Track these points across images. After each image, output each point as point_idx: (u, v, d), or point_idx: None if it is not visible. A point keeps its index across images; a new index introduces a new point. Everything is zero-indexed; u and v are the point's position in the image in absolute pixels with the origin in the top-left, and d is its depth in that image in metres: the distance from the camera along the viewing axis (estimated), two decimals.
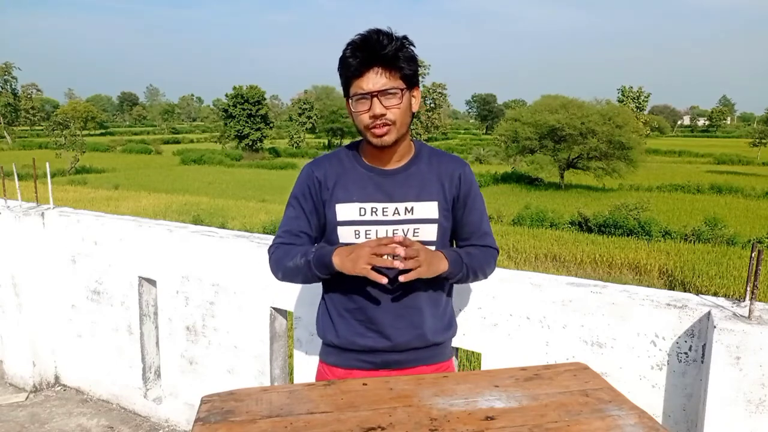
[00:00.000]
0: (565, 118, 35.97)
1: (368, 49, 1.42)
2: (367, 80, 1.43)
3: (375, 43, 1.42)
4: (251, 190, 32.49)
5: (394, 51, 1.43)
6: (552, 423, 1.19)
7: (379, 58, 1.42)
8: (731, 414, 1.67)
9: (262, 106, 60.43)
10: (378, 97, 1.43)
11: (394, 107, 1.45)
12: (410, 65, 1.47)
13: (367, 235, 1.54)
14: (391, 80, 1.44)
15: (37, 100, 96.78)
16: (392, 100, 1.45)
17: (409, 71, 1.47)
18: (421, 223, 1.55)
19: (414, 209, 1.54)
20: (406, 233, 1.54)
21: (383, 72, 1.43)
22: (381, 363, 1.60)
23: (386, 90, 1.44)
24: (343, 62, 1.46)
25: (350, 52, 1.44)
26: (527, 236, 21.20)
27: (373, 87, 1.43)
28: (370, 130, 1.46)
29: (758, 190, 32.19)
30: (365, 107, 1.45)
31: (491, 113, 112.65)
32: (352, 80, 1.46)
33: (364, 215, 1.54)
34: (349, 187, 1.55)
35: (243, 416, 1.21)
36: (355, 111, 1.47)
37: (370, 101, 1.44)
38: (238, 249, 2.79)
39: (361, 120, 1.46)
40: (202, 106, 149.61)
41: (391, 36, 1.44)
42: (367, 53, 1.42)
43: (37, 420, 3.26)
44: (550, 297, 2.05)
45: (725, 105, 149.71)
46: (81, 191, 29.80)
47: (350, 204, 1.54)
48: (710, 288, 15.49)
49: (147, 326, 3.27)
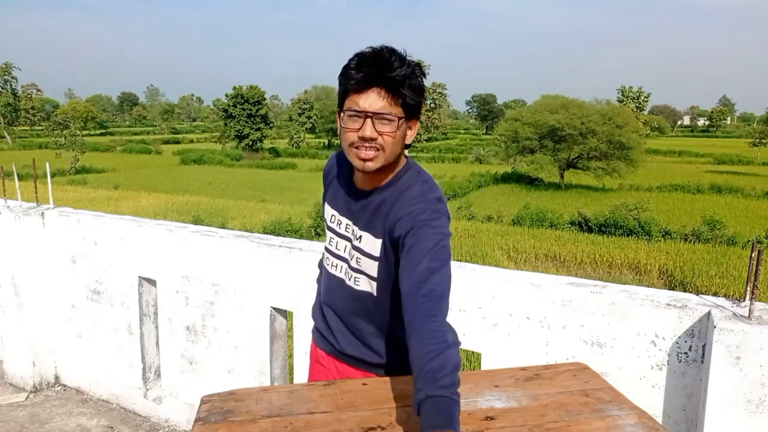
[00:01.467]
0: (565, 118, 35.98)
1: (376, 66, 1.31)
2: (365, 98, 1.32)
3: (384, 61, 1.31)
4: (251, 190, 32.49)
5: (402, 76, 1.32)
6: (552, 423, 1.19)
7: (384, 79, 1.31)
8: (731, 414, 1.67)
9: (262, 106, 60.44)
10: (372, 119, 1.33)
11: (387, 134, 1.34)
12: (415, 95, 1.36)
13: (330, 242, 1.57)
14: (390, 105, 1.33)
15: (37, 100, 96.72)
16: (386, 127, 1.33)
17: (412, 101, 1.36)
18: (363, 254, 1.46)
19: (362, 238, 1.46)
20: (351, 257, 1.49)
21: (385, 94, 1.32)
22: (336, 353, 1.61)
23: (383, 114, 1.32)
24: (345, 73, 1.35)
25: (356, 64, 1.33)
26: (527, 236, 21.20)
27: (370, 107, 1.32)
28: (355, 150, 1.35)
29: (758, 190, 32.19)
30: (356, 125, 1.34)
31: (491, 113, 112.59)
32: (350, 93, 1.35)
33: (333, 222, 1.56)
34: (336, 191, 1.57)
35: (243, 416, 1.22)
36: (345, 126, 1.36)
37: (362, 121, 1.33)
38: (238, 249, 2.79)
39: (348, 137, 1.35)
40: (202, 106, 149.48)
41: (404, 59, 1.33)
42: (373, 70, 1.31)
43: (37, 420, 3.26)
44: (550, 297, 2.05)
45: (725, 105, 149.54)
46: (81, 191, 29.79)
47: (330, 208, 1.58)
48: (710, 288, 15.49)
49: (147, 326, 3.27)
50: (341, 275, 1.54)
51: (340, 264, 1.54)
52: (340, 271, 1.54)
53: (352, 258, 1.49)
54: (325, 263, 1.61)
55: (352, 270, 1.49)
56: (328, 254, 1.59)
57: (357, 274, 1.49)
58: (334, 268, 1.56)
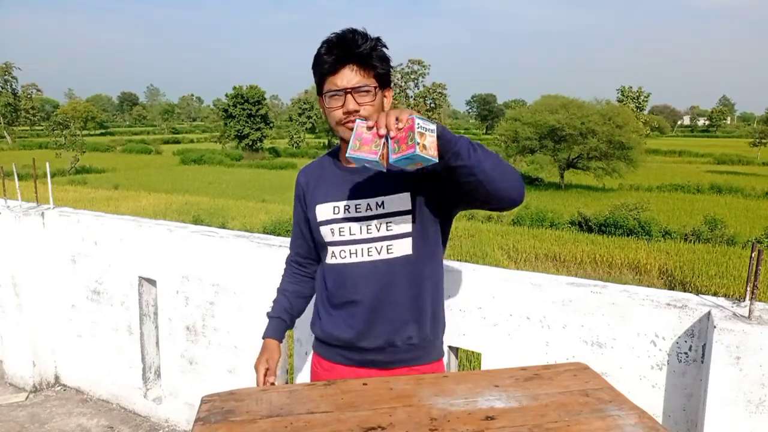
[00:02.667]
0: (565, 118, 35.95)
1: (343, 47, 1.46)
2: (341, 77, 1.46)
3: (350, 41, 1.45)
4: (251, 190, 32.48)
5: (368, 50, 1.46)
6: (552, 423, 1.19)
7: (353, 56, 1.46)
8: (731, 414, 1.68)
9: (262, 106, 60.43)
10: (352, 93, 1.46)
11: (368, 104, 1.48)
12: (383, 64, 1.51)
13: (341, 233, 1.56)
14: (364, 78, 1.47)
15: (37, 100, 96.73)
16: (365, 98, 1.48)
17: (381, 70, 1.50)
18: (393, 216, 1.54)
19: (384, 203, 1.54)
20: (379, 228, 1.54)
21: (358, 69, 1.46)
22: (360, 361, 1.60)
23: (360, 87, 1.47)
24: (318, 59, 1.49)
25: (325, 49, 1.47)
26: (527, 236, 21.19)
27: (347, 84, 1.46)
28: (344, 125, 1.49)
29: (758, 190, 32.17)
30: (339, 103, 1.48)
31: (491, 113, 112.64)
32: (326, 77, 1.49)
33: (338, 213, 1.57)
34: (326, 188, 1.62)
35: (243, 416, 1.22)
36: (329, 107, 1.50)
37: (343, 98, 1.47)
38: (238, 249, 2.79)
39: (334, 116, 1.49)
40: (202, 106, 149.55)
41: (366, 36, 1.47)
42: (342, 51, 1.46)
43: (37, 420, 3.26)
44: (550, 297, 2.05)
45: (725, 105, 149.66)
46: (81, 191, 29.79)
47: (326, 204, 1.60)
48: (710, 288, 15.48)
49: (147, 326, 3.27)
50: (367, 258, 1.54)
51: (362, 247, 1.55)
52: (363, 255, 1.55)
53: (380, 228, 1.54)
54: (340, 258, 1.58)
55: (383, 240, 1.54)
56: (340, 247, 1.57)
57: (389, 241, 1.54)
58: (354, 255, 1.55)
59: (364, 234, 1.54)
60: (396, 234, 1.54)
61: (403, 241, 1.54)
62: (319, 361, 1.69)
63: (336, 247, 1.58)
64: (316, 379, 1.67)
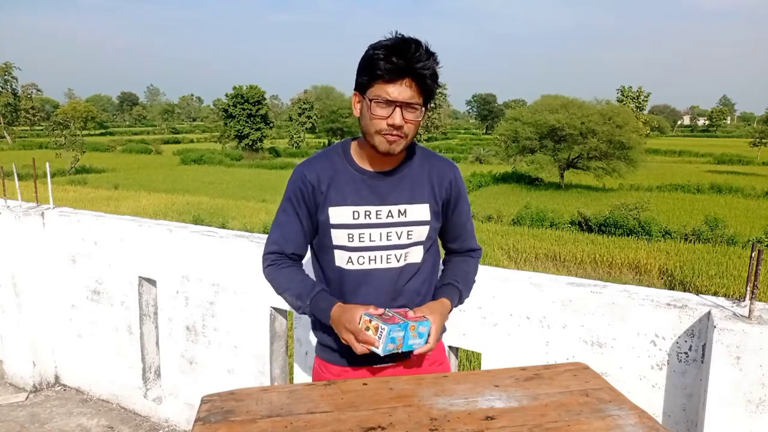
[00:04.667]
0: (565, 118, 35.95)
1: (405, 58, 1.39)
2: (396, 88, 1.41)
3: (413, 54, 1.39)
4: (251, 190, 32.48)
5: (429, 69, 1.42)
6: (552, 423, 1.19)
7: (413, 70, 1.40)
8: (731, 414, 1.67)
9: (262, 106, 60.38)
10: (402, 108, 1.42)
11: (412, 121, 1.45)
12: (435, 84, 1.47)
13: (360, 239, 1.54)
14: (416, 95, 1.43)
15: (37, 100, 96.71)
16: (412, 115, 1.44)
17: (432, 89, 1.47)
18: (414, 225, 1.57)
19: (407, 212, 1.56)
20: (400, 236, 1.55)
21: (413, 85, 1.42)
22: (367, 363, 1.59)
23: (411, 103, 1.43)
24: (373, 62, 1.41)
25: (384, 55, 1.39)
26: (527, 236, 21.19)
27: (400, 97, 1.41)
28: (383, 137, 1.44)
29: (758, 190, 32.17)
30: (385, 113, 1.42)
31: (491, 113, 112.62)
32: (377, 82, 1.42)
33: (358, 218, 1.54)
34: (343, 189, 1.54)
35: (243, 416, 1.21)
36: (372, 113, 1.43)
37: (392, 109, 1.42)
38: (238, 249, 2.79)
39: (376, 124, 1.44)
40: (202, 106, 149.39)
41: (429, 52, 1.42)
42: (403, 62, 1.39)
43: (37, 420, 3.26)
44: (550, 297, 2.05)
45: (725, 105, 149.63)
46: (81, 191, 29.79)
47: (344, 207, 1.53)
48: (710, 288, 15.48)
49: (147, 326, 3.27)
50: (385, 265, 1.55)
51: (381, 254, 1.55)
52: (382, 262, 1.55)
53: (401, 236, 1.56)
54: (357, 265, 1.56)
55: (402, 248, 1.57)
56: (359, 253, 1.55)
57: (406, 249, 1.57)
58: (374, 262, 1.55)
59: (384, 241, 1.54)
60: (413, 242, 1.58)
61: (416, 249, 1.59)
62: (326, 367, 1.65)
63: (353, 252, 1.55)
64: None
